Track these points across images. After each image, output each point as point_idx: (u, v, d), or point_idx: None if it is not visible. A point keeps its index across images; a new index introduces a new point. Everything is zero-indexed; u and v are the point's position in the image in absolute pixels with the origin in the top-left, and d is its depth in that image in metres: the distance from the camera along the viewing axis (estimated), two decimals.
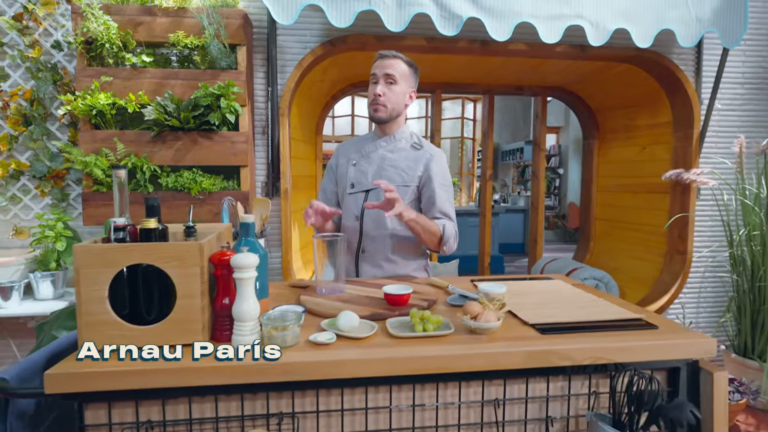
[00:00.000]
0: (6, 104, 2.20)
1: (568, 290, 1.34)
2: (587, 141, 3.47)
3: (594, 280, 2.82)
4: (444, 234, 1.47)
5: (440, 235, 1.47)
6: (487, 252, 3.37)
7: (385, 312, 1.09)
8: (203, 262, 0.89)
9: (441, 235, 1.47)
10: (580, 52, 2.49)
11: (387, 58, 1.55)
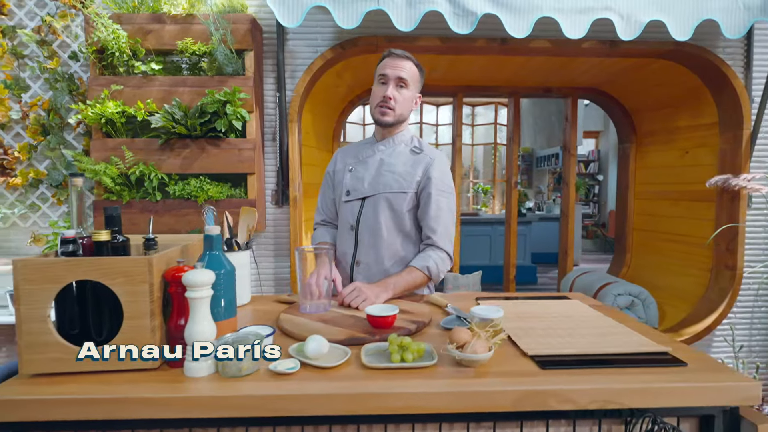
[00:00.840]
0: (25, 114, 2.25)
1: (585, 313, 1.17)
2: (623, 145, 3.22)
3: (629, 296, 2.57)
4: (431, 276, 1.38)
5: (427, 279, 1.39)
6: (513, 263, 3.17)
7: (365, 336, 0.97)
8: (153, 279, 0.81)
9: (428, 279, 1.39)
10: (610, 48, 2.29)
11: (399, 59, 1.43)
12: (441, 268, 1.39)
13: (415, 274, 1.34)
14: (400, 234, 1.42)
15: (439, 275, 1.39)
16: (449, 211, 1.43)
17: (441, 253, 1.39)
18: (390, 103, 1.41)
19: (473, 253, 5.89)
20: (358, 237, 1.44)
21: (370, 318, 1.01)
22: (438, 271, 1.37)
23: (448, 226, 1.41)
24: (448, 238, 1.42)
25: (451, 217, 1.43)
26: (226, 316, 0.95)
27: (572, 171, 3.18)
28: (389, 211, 1.41)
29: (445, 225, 1.40)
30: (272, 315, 1.18)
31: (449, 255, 1.42)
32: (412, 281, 1.33)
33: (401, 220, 1.41)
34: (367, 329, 1.01)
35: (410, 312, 1.15)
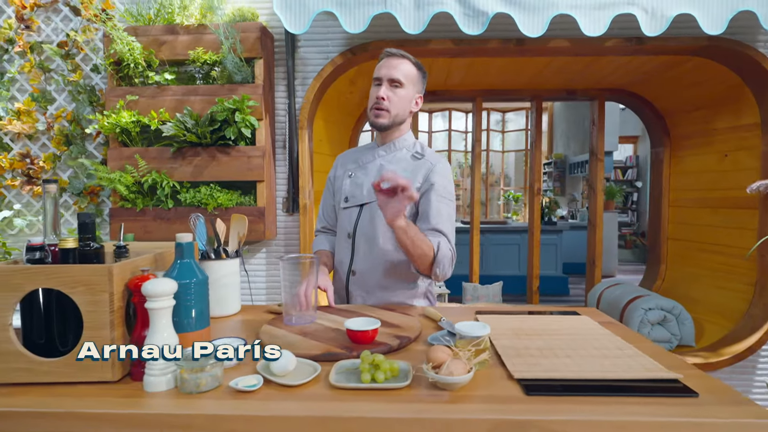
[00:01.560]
0: (50, 126, 2.34)
1: (592, 331, 1.07)
2: (656, 149, 3.02)
3: (661, 311, 2.39)
4: (437, 254, 1.24)
5: (433, 254, 1.24)
6: (536, 274, 3.02)
7: (341, 352, 0.91)
8: (113, 288, 0.78)
9: (434, 255, 1.24)
10: (636, 45, 2.15)
11: (393, 58, 1.37)
12: (445, 259, 1.25)
13: (427, 241, 1.23)
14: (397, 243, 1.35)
15: (442, 264, 1.25)
16: (450, 218, 1.35)
17: (451, 248, 1.28)
18: (383, 104, 1.35)
19: (500, 262, 5.71)
20: (355, 245, 1.39)
21: (349, 332, 0.95)
22: (443, 257, 1.24)
23: (447, 232, 1.32)
24: (450, 243, 1.32)
25: (451, 225, 1.35)
26: (197, 327, 0.91)
27: (600, 177, 3.01)
28: None
29: (446, 232, 1.31)
30: (258, 325, 1.14)
31: (454, 256, 1.31)
32: (421, 241, 1.21)
33: None
34: (345, 344, 0.95)
35: (397, 326, 1.07)
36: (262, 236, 2.18)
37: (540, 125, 3.03)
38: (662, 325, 2.41)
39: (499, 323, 1.12)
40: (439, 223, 1.31)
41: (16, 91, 2.38)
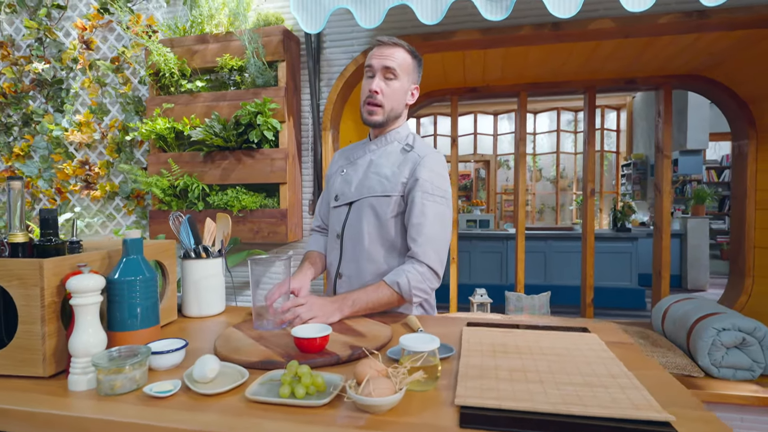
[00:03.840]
0: (104, 135, 2.55)
1: (590, 352, 0.88)
2: (738, 143, 2.59)
3: (739, 332, 2.00)
4: (402, 293, 1.14)
5: (398, 296, 1.15)
6: (590, 285, 2.71)
7: (280, 360, 0.83)
8: (44, 283, 0.78)
9: (399, 296, 1.15)
10: (698, 20, 1.84)
11: (386, 47, 1.26)
12: (415, 285, 1.14)
13: (382, 290, 1.14)
14: (384, 245, 1.24)
15: (412, 293, 1.14)
16: (437, 219, 1.19)
17: (420, 267, 1.15)
18: (377, 98, 1.25)
19: (564, 272, 5.28)
20: (343, 246, 1.31)
21: (295, 339, 0.87)
22: (410, 288, 1.13)
23: (433, 236, 1.18)
24: (433, 250, 1.17)
25: (439, 226, 1.20)
26: (143, 325, 0.89)
27: (666, 177, 2.64)
28: (373, 218, 1.25)
29: (429, 235, 1.17)
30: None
31: (432, 270, 1.17)
32: (377, 299, 1.13)
33: (385, 228, 1.24)
34: (290, 352, 0.87)
35: (361, 335, 0.97)
36: (284, 238, 2.18)
37: (593, 119, 2.73)
38: (740, 349, 2.02)
39: (483, 337, 0.98)
40: (423, 225, 1.18)
41: (79, 105, 2.63)
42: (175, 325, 1.14)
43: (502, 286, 5.38)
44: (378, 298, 1.13)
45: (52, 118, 2.59)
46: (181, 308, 1.23)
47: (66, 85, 2.62)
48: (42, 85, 2.62)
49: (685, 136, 6.19)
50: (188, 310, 1.21)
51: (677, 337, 2.26)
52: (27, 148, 2.65)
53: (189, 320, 1.19)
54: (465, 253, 5.43)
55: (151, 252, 1.08)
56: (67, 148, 2.63)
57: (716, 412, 1.92)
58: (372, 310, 1.14)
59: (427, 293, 1.18)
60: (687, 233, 6.20)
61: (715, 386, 1.92)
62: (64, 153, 2.62)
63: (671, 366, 2.06)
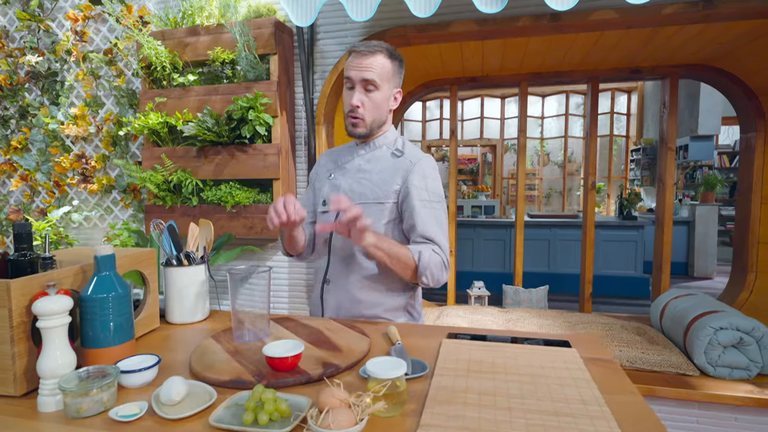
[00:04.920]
0: (99, 128, 2.54)
1: (565, 372, 0.86)
2: (746, 135, 2.50)
3: (737, 332, 1.97)
4: (419, 263, 1.14)
5: (414, 265, 1.15)
6: (588, 279, 2.68)
7: (250, 380, 0.83)
8: (11, 304, 0.78)
9: (416, 265, 1.15)
10: (705, 10, 1.76)
11: (363, 56, 1.21)
12: (433, 266, 1.15)
13: (404, 251, 1.14)
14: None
15: (429, 271, 1.15)
16: (437, 222, 1.21)
17: (438, 251, 1.17)
18: (358, 112, 1.23)
19: (569, 260, 5.25)
20: (331, 252, 1.30)
21: (267, 359, 0.86)
22: (429, 264, 1.14)
23: (439, 239, 1.19)
24: (441, 249, 1.19)
25: (441, 229, 1.21)
26: (116, 341, 0.89)
27: (670, 169, 2.58)
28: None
29: (437, 239, 1.19)
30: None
31: (445, 262, 1.18)
32: (398, 253, 1.13)
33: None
34: (262, 370, 0.87)
35: (338, 349, 0.97)
36: (277, 234, 2.17)
37: (596, 109, 2.65)
38: (738, 348, 2.00)
39: (460, 353, 0.97)
40: (425, 229, 1.19)
41: (74, 97, 2.61)
42: (156, 334, 1.14)
43: (505, 274, 5.36)
44: (398, 254, 1.13)
45: (48, 110, 2.59)
46: (164, 314, 1.24)
47: (61, 78, 2.60)
48: (37, 78, 2.61)
49: (696, 121, 6.04)
50: (171, 316, 1.21)
51: (675, 334, 2.24)
52: (24, 141, 2.65)
53: (171, 327, 1.19)
54: (468, 240, 5.41)
55: (131, 262, 1.08)
56: (64, 141, 2.63)
57: (710, 411, 1.91)
58: (389, 260, 1.13)
59: (436, 277, 1.17)
60: (695, 221, 6.09)
61: (709, 386, 1.90)
62: (60, 146, 2.62)
63: (666, 364, 2.05)
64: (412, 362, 0.92)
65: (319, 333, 1.07)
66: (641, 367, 2.05)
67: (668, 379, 1.97)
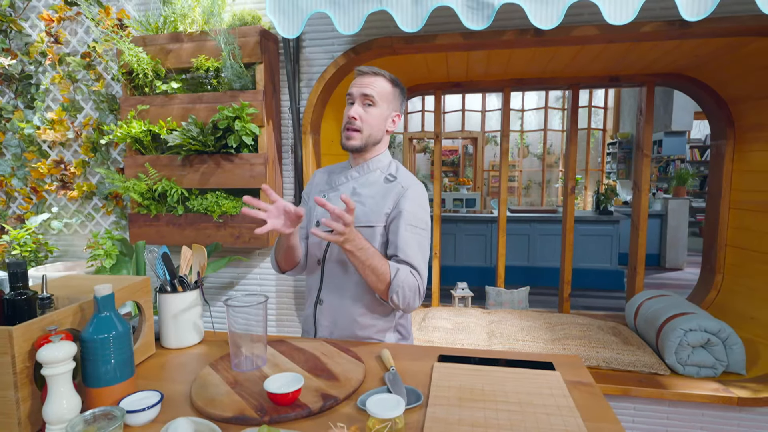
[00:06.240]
0: (78, 134, 2.48)
1: (550, 398, 0.93)
2: (716, 142, 2.62)
3: (705, 333, 2.10)
4: (393, 280, 1.16)
5: (388, 280, 1.16)
6: (567, 280, 2.79)
7: (253, 417, 0.86)
8: (14, 351, 0.79)
9: (389, 281, 1.16)
10: (681, 29, 1.83)
11: (365, 76, 1.28)
12: (406, 287, 1.17)
13: (383, 264, 1.16)
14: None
15: (399, 289, 1.16)
16: (419, 248, 1.24)
17: (416, 275, 1.20)
18: (355, 123, 1.26)
19: (547, 254, 5.39)
20: (324, 273, 1.33)
21: (268, 394, 0.90)
22: (402, 284, 1.16)
23: (418, 265, 1.22)
24: (420, 276, 1.22)
25: (422, 256, 1.25)
26: (118, 379, 0.90)
27: (645, 175, 2.68)
28: None
29: (416, 264, 1.21)
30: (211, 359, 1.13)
31: (420, 288, 1.21)
32: (375, 264, 1.14)
33: None
34: (263, 404, 0.90)
35: (335, 378, 1.00)
36: (266, 244, 2.18)
37: (576, 117, 2.72)
38: (705, 348, 2.12)
39: (452, 378, 1.02)
40: (407, 254, 1.22)
41: (50, 101, 2.54)
42: (153, 361, 1.16)
43: (486, 268, 5.48)
44: (374, 265, 1.14)
45: (23, 114, 2.51)
46: (159, 338, 1.25)
47: (35, 81, 2.52)
48: (10, 80, 2.52)
49: (670, 117, 6.21)
50: (166, 341, 1.23)
51: (647, 334, 2.36)
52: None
53: (167, 353, 1.21)
54: (450, 235, 5.49)
55: (127, 294, 1.09)
56: (41, 146, 2.56)
57: (679, 408, 2.03)
58: (363, 267, 1.14)
59: (408, 301, 1.19)
60: (667, 214, 6.32)
61: (679, 384, 2.02)
62: (37, 151, 2.55)
63: (640, 364, 2.16)
64: (407, 391, 0.97)
65: (315, 359, 1.11)
66: (617, 367, 2.16)
67: (641, 379, 2.08)
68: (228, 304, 1.07)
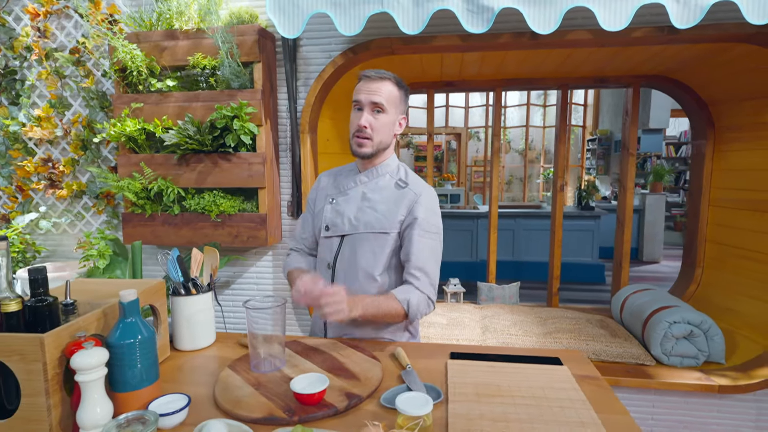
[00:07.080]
0: (67, 131, 2.42)
1: (562, 392, 0.98)
2: (697, 142, 2.73)
3: (688, 325, 2.20)
4: (409, 312, 1.23)
5: (404, 312, 1.23)
6: (556, 275, 2.88)
7: (282, 417, 0.88)
8: (46, 358, 0.79)
9: (405, 313, 1.23)
10: (670, 35, 1.91)
11: (372, 81, 1.28)
12: (420, 309, 1.26)
13: (392, 303, 1.22)
14: (378, 279, 1.30)
15: (417, 315, 1.26)
16: (432, 254, 1.29)
17: (422, 294, 1.26)
18: (366, 132, 1.28)
19: (531, 249, 5.52)
20: (335, 277, 1.35)
21: (295, 394, 0.92)
22: (417, 310, 1.24)
23: (431, 271, 1.28)
24: (430, 283, 1.28)
25: (434, 261, 1.29)
26: (144, 384, 0.91)
27: (630, 174, 2.78)
28: (369, 253, 1.29)
29: (427, 270, 1.27)
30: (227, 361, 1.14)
31: (430, 299, 1.28)
32: (387, 310, 1.21)
33: (380, 263, 1.29)
34: (291, 404, 0.92)
35: (355, 377, 1.03)
36: (264, 243, 2.19)
37: (565, 115, 2.80)
38: (688, 339, 2.23)
39: (467, 375, 1.06)
40: (420, 261, 1.26)
41: (36, 97, 2.47)
42: (170, 363, 1.16)
43: (472, 263, 5.58)
44: (388, 309, 1.21)
45: (7, 111, 2.43)
46: (173, 341, 1.26)
47: (20, 76, 2.45)
48: None
49: (648, 115, 6.41)
50: (180, 344, 1.23)
51: (634, 327, 2.46)
52: None
53: (181, 355, 1.22)
54: None
55: (144, 297, 1.09)
56: (26, 143, 2.49)
57: (664, 396, 2.14)
58: (377, 318, 1.21)
59: (421, 316, 1.28)
60: (645, 209, 6.53)
61: (664, 374, 2.12)
62: (23, 149, 2.48)
63: (627, 356, 2.26)
64: (426, 388, 1.00)
65: (332, 359, 1.13)
66: (606, 359, 2.26)
67: (629, 370, 2.17)
68: (247, 306, 1.09)
